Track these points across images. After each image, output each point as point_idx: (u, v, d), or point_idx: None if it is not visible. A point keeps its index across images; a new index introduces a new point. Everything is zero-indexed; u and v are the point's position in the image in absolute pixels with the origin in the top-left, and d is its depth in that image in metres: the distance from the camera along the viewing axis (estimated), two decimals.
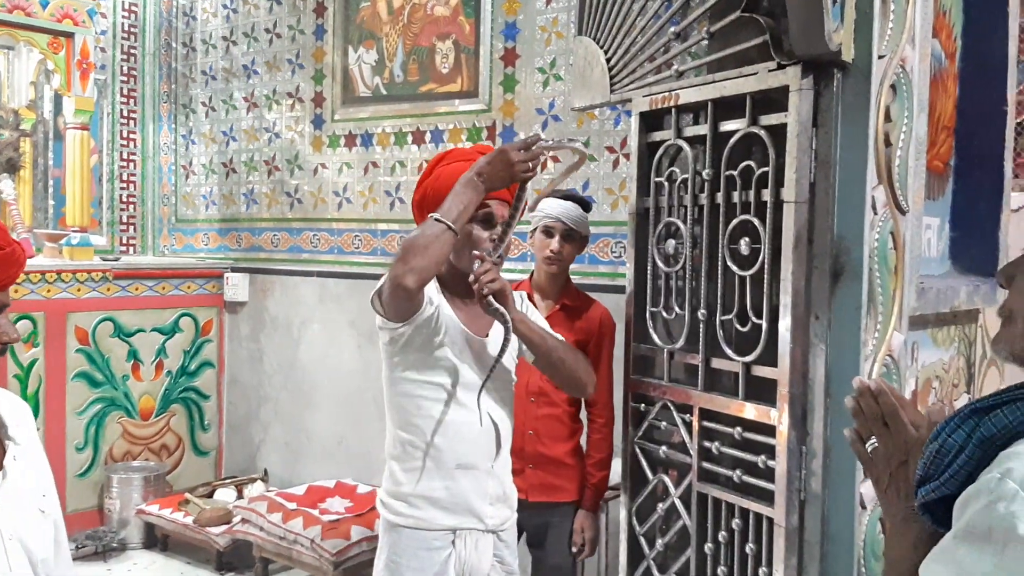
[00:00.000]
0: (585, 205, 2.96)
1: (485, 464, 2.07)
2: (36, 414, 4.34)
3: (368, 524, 3.69)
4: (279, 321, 4.93)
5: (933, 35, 2.53)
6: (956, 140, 2.87)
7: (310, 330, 4.82)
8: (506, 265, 2.34)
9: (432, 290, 2.00)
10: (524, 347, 2.13)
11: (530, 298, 2.54)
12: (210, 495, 4.48)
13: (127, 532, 4.43)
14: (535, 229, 2.88)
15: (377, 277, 4.43)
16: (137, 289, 4.72)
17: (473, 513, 2.05)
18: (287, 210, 4.91)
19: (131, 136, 5.42)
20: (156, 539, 4.42)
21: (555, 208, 2.83)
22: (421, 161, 4.34)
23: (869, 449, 1.16)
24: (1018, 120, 3.65)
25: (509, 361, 2.15)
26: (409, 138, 4.39)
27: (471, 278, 1.94)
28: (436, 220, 1.89)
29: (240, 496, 4.48)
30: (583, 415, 3.05)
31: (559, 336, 2.14)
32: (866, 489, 2.00)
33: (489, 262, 1.96)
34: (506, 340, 2.03)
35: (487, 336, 2.07)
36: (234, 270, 5.08)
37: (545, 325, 2.16)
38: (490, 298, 1.97)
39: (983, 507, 0.85)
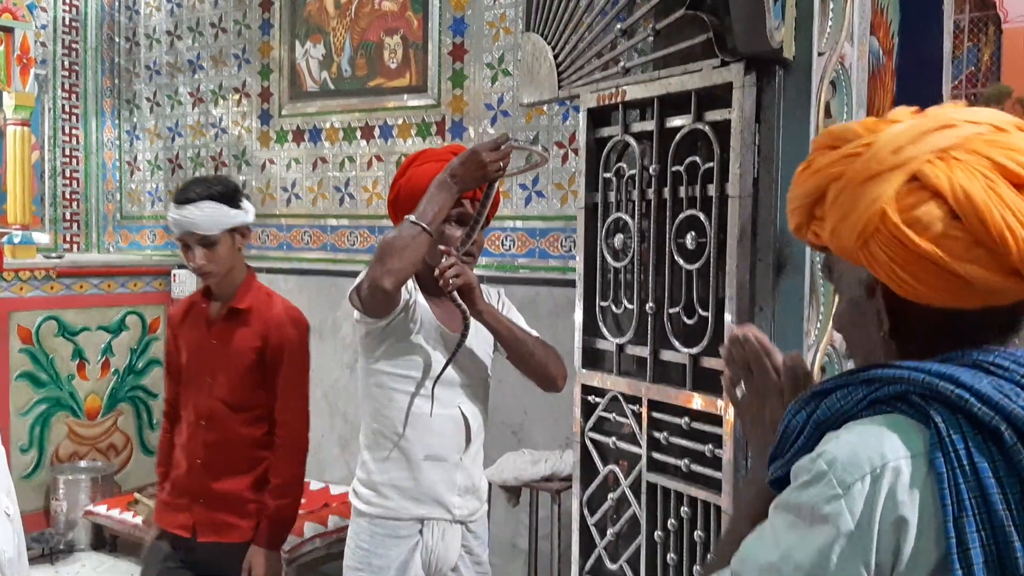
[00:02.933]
0: (231, 198, 2.53)
1: (454, 456, 2.10)
2: None
3: (321, 521, 3.69)
4: None
5: (871, 32, 2.60)
6: None
7: None
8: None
9: (409, 286, 2.02)
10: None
11: (196, 309, 2.61)
12: None
13: (75, 534, 4.36)
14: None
15: (327, 273, 4.48)
16: (81, 287, 4.64)
17: (441, 503, 2.09)
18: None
19: (73, 132, 5.32)
20: (105, 540, 4.37)
21: (178, 219, 2.48)
22: (371, 156, 4.34)
23: (739, 394, 1.20)
24: None
25: (484, 356, 2.18)
26: (358, 133, 4.38)
27: (436, 272, 1.98)
28: (412, 222, 1.93)
29: None
30: None
31: (533, 332, 2.17)
32: None
33: (455, 257, 2.00)
34: (463, 334, 2.06)
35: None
36: (181, 267, 5.02)
37: (522, 323, 2.19)
38: (454, 293, 2.00)
39: (798, 484, 0.90)
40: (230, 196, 2.51)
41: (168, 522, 2.61)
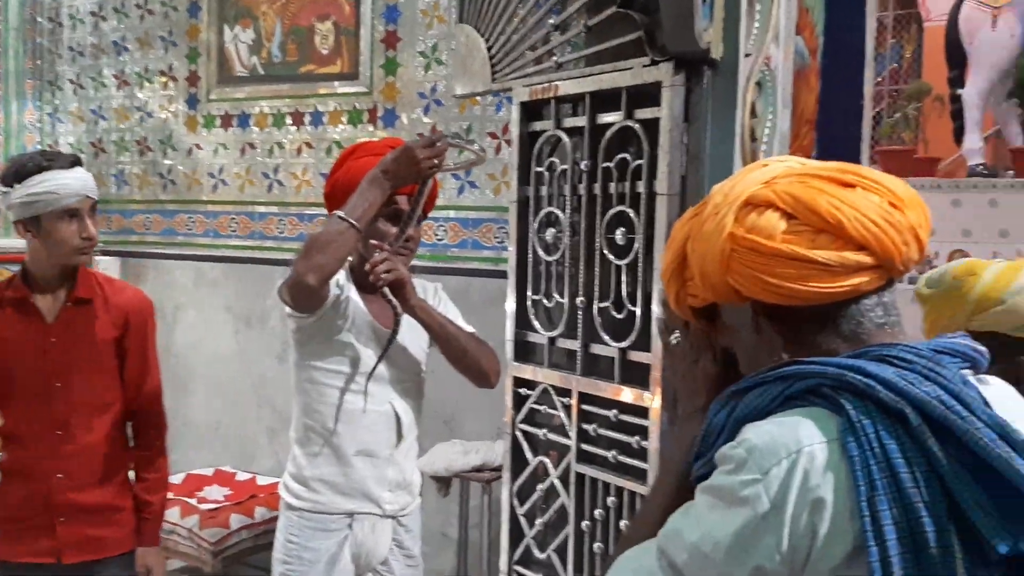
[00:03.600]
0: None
1: (385, 451, 2.11)
2: None
3: (248, 512, 3.65)
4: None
5: (797, 32, 2.67)
6: (818, 133, 3.04)
7: (185, 315, 4.70)
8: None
9: (342, 281, 2.01)
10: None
11: (15, 306, 2.24)
12: None
13: None
14: (49, 213, 2.19)
15: (255, 261, 4.42)
16: (1, 274, 4.50)
17: (370, 498, 2.10)
18: (160, 192, 4.77)
19: None
20: None
21: (72, 181, 2.19)
22: (301, 143, 4.29)
23: (672, 341, 1.24)
24: (875, 112, 3.88)
25: (417, 351, 2.18)
26: (288, 119, 4.33)
27: (367, 267, 1.97)
28: (340, 218, 1.92)
29: None
30: None
31: (468, 327, 2.18)
32: None
33: (387, 252, 1.99)
34: (394, 330, 2.06)
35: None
36: (104, 253, 4.89)
37: (457, 318, 2.20)
38: (385, 288, 2.00)
39: (720, 471, 0.95)
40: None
41: (19, 552, 2.30)
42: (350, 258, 2.09)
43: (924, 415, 0.87)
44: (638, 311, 2.13)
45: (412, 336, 2.09)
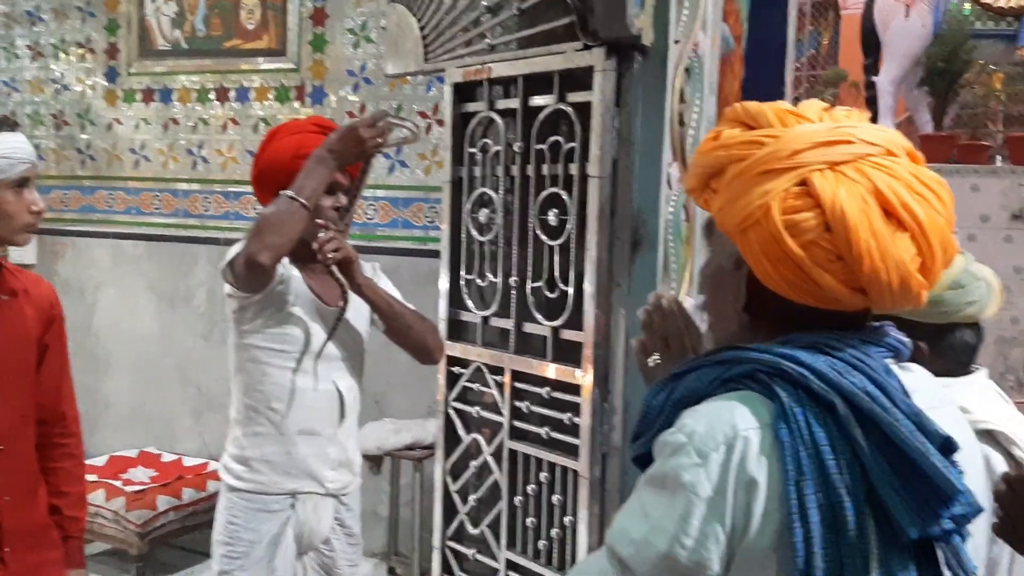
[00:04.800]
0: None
1: (328, 430, 2.10)
2: None
3: (175, 493, 3.61)
4: (71, 285, 4.65)
5: (723, 19, 2.73)
6: None
7: (105, 294, 4.59)
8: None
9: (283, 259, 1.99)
10: (376, 316, 2.16)
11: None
12: None
13: None
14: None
15: (179, 239, 4.34)
16: None
17: (313, 477, 2.09)
18: (78, 167, 4.63)
19: None
20: None
21: (23, 145, 1.89)
22: (226, 120, 4.22)
23: (651, 363, 1.21)
24: (794, 97, 3.99)
25: (361, 329, 2.18)
26: (212, 95, 4.25)
27: (315, 246, 1.97)
28: (290, 198, 1.90)
29: None
30: None
31: (410, 305, 2.17)
32: None
33: (333, 231, 1.99)
34: (343, 309, 2.06)
35: (338, 305, 2.10)
36: None
37: (397, 295, 2.20)
38: (333, 267, 2.00)
39: (662, 458, 0.97)
40: None
41: None
42: None
43: (851, 405, 0.92)
44: (571, 291, 2.18)
45: (355, 314, 2.10)
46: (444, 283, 2.53)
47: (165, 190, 4.42)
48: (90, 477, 3.70)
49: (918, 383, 1.01)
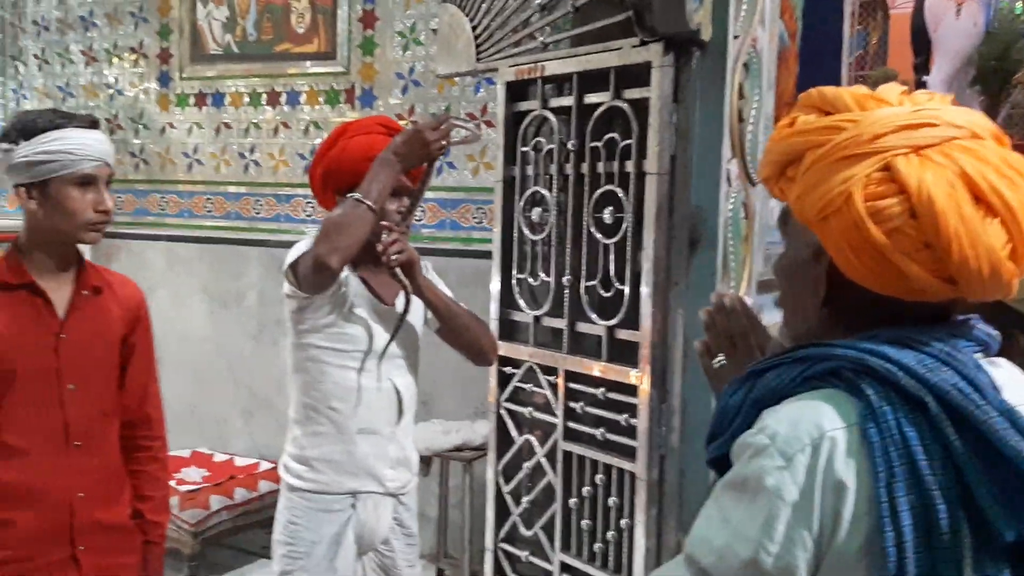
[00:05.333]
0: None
1: (387, 429, 2.10)
2: None
3: (227, 493, 3.64)
4: None
5: (779, 15, 2.69)
6: None
7: (158, 296, 4.64)
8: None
9: None
10: (430, 316, 2.16)
11: (15, 294, 1.85)
12: None
13: None
14: (61, 177, 1.81)
15: (230, 242, 4.37)
16: None
17: (373, 476, 2.09)
18: (131, 171, 4.69)
19: None
20: None
21: (93, 143, 1.84)
22: (277, 123, 4.25)
23: (716, 365, 1.17)
24: None
25: (418, 328, 2.19)
26: (263, 99, 4.28)
27: (379, 248, 1.97)
28: (357, 200, 1.91)
29: None
30: None
31: (463, 305, 2.17)
32: None
33: (397, 233, 1.99)
34: (406, 309, 2.06)
35: (395, 303, 2.10)
36: None
37: (448, 293, 2.20)
38: (396, 269, 2.00)
39: (742, 461, 0.93)
40: None
41: None
42: None
43: (943, 403, 0.88)
44: (626, 290, 2.15)
45: (412, 313, 2.10)
46: (495, 283, 2.51)
47: (217, 193, 4.46)
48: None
49: (1008, 378, 0.96)
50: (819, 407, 0.91)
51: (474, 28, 2.58)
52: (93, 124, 1.89)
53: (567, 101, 2.31)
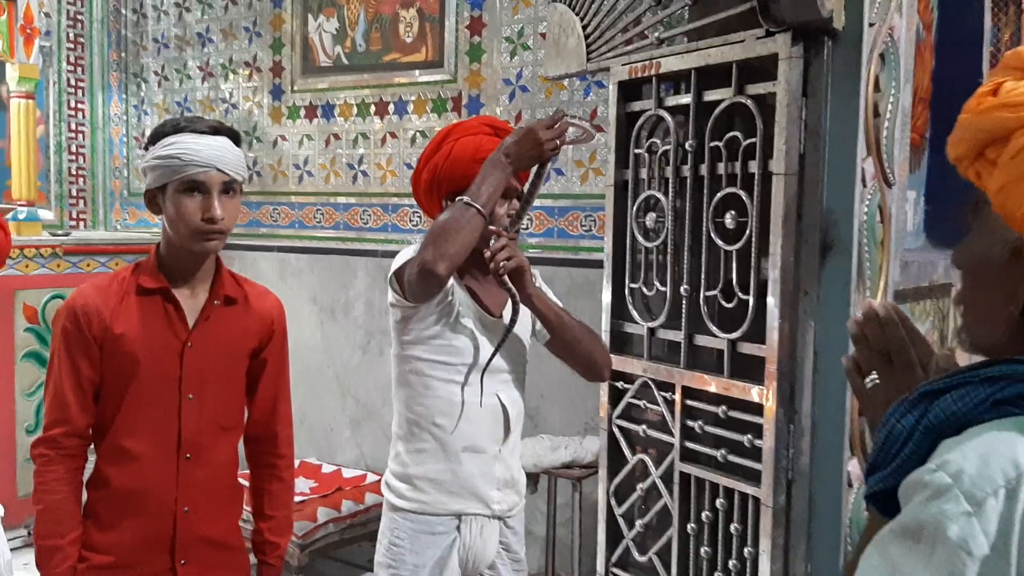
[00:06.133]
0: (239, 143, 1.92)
1: (493, 448, 1.99)
2: None
3: (335, 505, 3.61)
4: None
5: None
6: (932, 112, 2.84)
7: None
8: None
9: None
10: (539, 327, 2.04)
11: (148, 299, 1.84)
12: None
13: None
14: (173, 183, 1.77)
15: (339, 252, 4.37)
16: (88, 265, 4.54)
17: (479, 498, 1.98)
18: (245, 184, 4.75)
19: (79, 106, 5.21)
20: None
21: (203, 148, 1.78)
22: (384, 133, 4.23)
23: (868, 385, 1.02)
24: None
25: (525, 340, 2.07)
26: (372, 109, 4.27)
27: (487, 255, 1.86)
28: (466, 204, 1.81)
29: None
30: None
31: (576, 318, 2.05)
32: (853, 467, 1.97)
33: (506, 239, 1.88)
34: (513, 320, 1.95)
35: (502, 315, 1.99)
36: None
37: (558, 303, 2.07)
38: (505, 277, 1.89)
39: (916, 502, 0.78)
40: (239, 141, 1.91)
41: None
42: None
43: None
44: (750, 300, 2.00)
45: (519, 324, 1.98)
46: (607, 293, 2.39)
47: (327, 204, 4.47)
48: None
49: None
50: (1014, 440, 0.75)
51: (584, 27, 2.47)
52: (215, 130, 1.84)
53: (684, 99, 2.18)
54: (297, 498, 3.64)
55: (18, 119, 4.38)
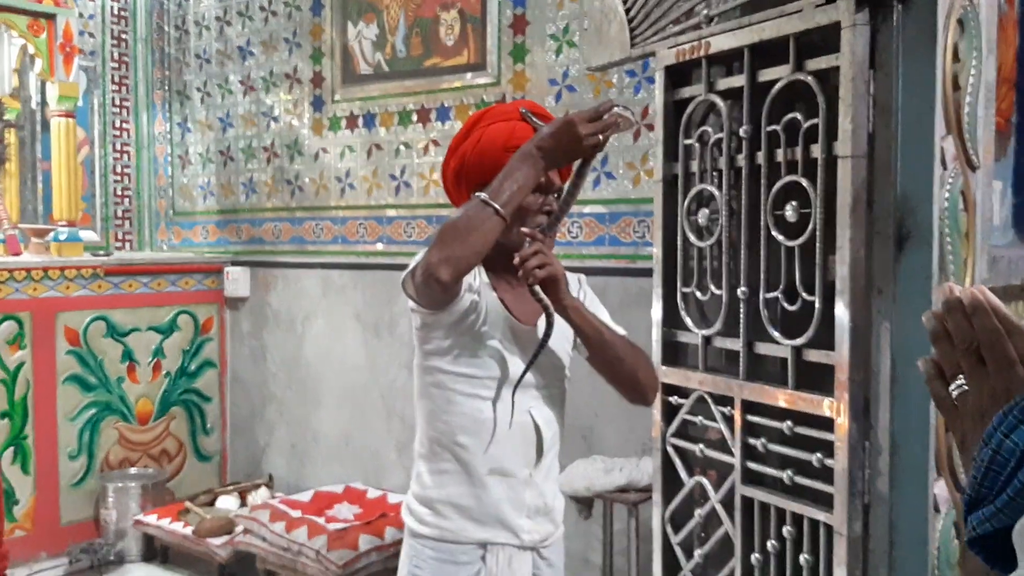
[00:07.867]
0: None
1: (523, 471, 1.78)
2: (24, 420, 4.11)
3: (378, 532, 3.44)
4: (281, 316, 4.68)
5: None
6: (1017, 95, 2.57)
7: (314, 324, 4.56)
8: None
9: (471, 272, 1.69)
10: (580, 341, 1.83)
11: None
12: (211, 503, 4.23)
13: (124, 544, 4.17)
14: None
15: (383, 267, 4.23)
16: (131, 286, 4.47)
17: (507, 526, 1.77)
18: (289, 199, 4.65)
19: (124, 126, 5.17)
20: (155, 551, 4.16)
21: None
22: (427, 141, 4.07)
23: (954, 392, 0.80)
24: None
25: (563, 354, 1.85)
26: (414, 117, 4.12)
27: (516, 260, 1.65)
28: (483, 201, 1.60)
29: (244, 503, 4.22)
30: None
31: (620, 330, 1.82)
32: (940, 489, 1.72)
33: (539, 243, 1.66)
34: (547, 333, 1.73)
35: (536, 324, 1.78)
36: (234, 264, 4.83)
37: (606, 317, 1.85)
38: (536, 286, 1.67)
39: None
40: None
41: None
42: None
43: None
44: (817, 302, 1.77)
45: (557, 336, 1.75)
46: (657, 299, 2.18)
47: (370, 218, 4.33)
48: (294, 513, 3.61)
49: None
50: None
51: (627, 10, 2.28)
52: None
53: (737, 81, 1.97)
54: (338, 525, 3.50)
55: (58, 138, 4.33)
